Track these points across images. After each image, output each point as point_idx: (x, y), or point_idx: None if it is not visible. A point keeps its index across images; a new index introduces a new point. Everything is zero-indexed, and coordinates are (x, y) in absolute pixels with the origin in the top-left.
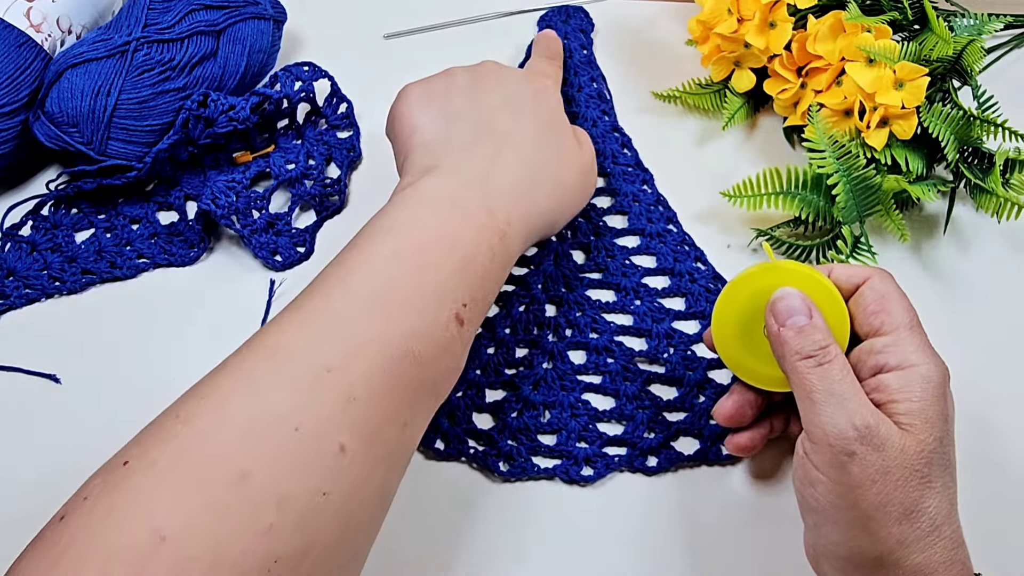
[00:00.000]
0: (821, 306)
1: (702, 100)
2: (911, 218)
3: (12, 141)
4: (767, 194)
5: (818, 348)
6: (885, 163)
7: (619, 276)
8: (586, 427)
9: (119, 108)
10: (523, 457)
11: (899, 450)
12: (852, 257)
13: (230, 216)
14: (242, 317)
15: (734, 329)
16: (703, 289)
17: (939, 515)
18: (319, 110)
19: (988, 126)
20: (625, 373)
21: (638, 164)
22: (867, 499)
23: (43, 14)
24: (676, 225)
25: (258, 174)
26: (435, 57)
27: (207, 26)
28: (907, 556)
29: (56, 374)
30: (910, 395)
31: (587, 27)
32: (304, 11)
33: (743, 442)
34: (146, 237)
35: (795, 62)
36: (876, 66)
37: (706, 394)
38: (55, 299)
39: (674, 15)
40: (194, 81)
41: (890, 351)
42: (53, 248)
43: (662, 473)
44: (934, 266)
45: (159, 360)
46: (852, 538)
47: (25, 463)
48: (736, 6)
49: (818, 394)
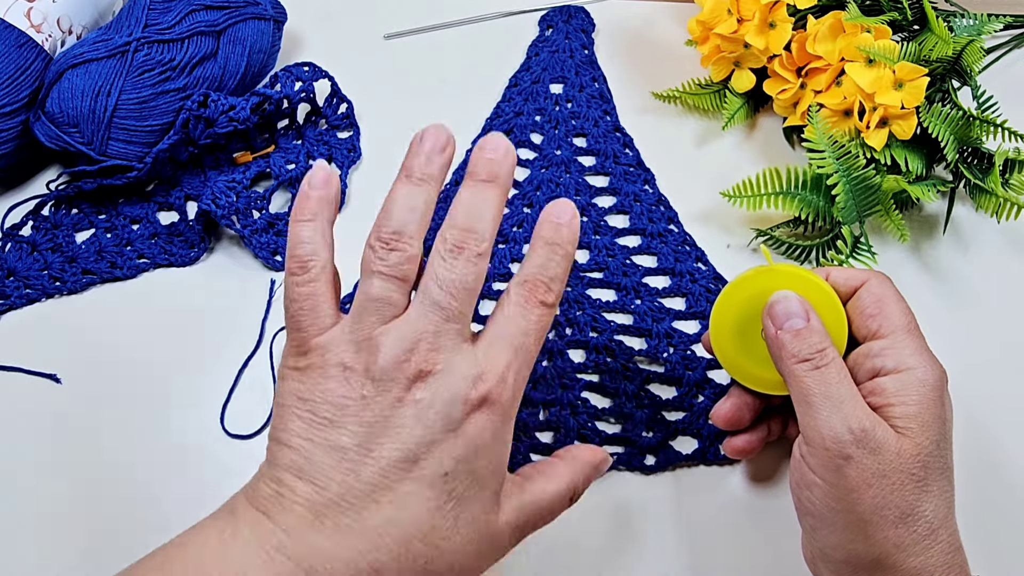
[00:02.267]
0: (818, 309)
1: (702, 100)
2: (911, 218)
3: (12, 141)
4: (767, 194)
5: (815, 351)
6: (885, 163)
7: (620, 275)
8: (584, 425)
9: (119, 108)
10: (521, 455)
11: (895, 454)
12: (852, 257)
13: (230, 216)
14: (242, 317)
15: (731, 332)
16: (703, 289)
17: (936, 518)
18: (319, 110)
19: (987, 126)
20: (624, 372)
21: (639, 164)
22: (863, 503)
23: (43, 14)
24: (677, 225)
25: (258, 174)
26: (435, 57)
27: (207, 26)
28: (904, 560)
29: (56, 374)
30: (907, 398)
31: (588, 27)
32: (304, 11)
33: (741, 445)
34: (146, 237)
35: (795, 62)
36: (876, 66)
37: (705, 394)
38: (55, 299)
39: (674, 15)
40: (194, 81)
41: (887, 354)
42: (53, 248)
43: (660, 472)
44: (934, 266)
45: (159, 360)
46: (849, 541)
47: (25, 463)
48: (736, 6)
49: (815, 397)
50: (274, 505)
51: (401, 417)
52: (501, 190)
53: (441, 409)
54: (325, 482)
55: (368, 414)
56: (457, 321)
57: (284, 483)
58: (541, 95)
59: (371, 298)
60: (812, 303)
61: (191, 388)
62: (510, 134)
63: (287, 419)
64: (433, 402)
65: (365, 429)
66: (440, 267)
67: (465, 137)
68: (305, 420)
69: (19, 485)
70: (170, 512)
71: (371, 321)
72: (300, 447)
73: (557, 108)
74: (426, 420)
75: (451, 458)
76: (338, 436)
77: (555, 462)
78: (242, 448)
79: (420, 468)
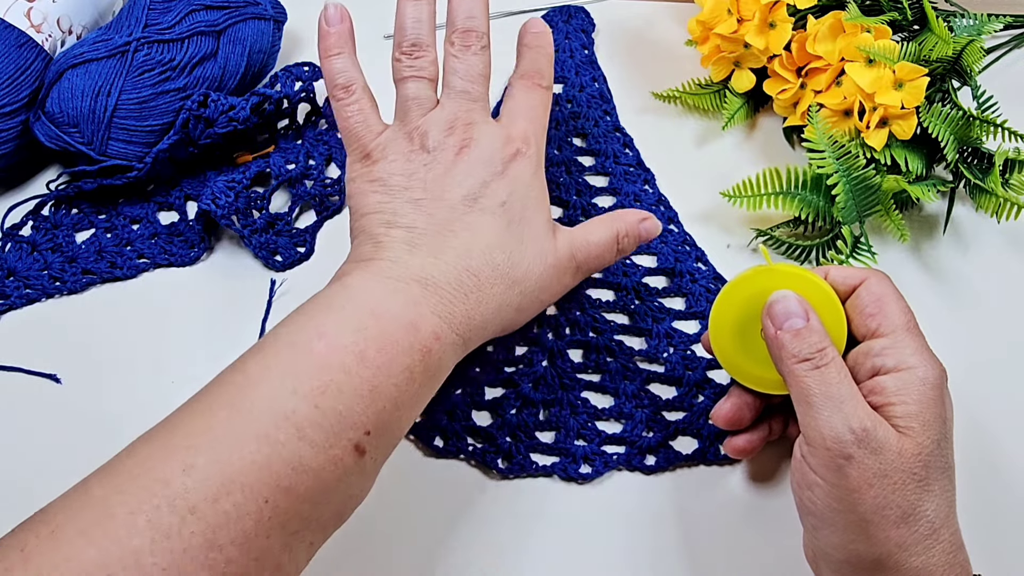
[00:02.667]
0: (818, 308)
1: (702, 100)
2: (911, 218)
3: (12, 141)
4: (767, 194)
5: (815, 351)
6: (885, 163)
7: (619, 275)
8: (585, 425)
9: (119, 108)
10: (521, 455)
11: (896, 453)
12: (852, 257)
13: (230, 216)
14: (242, 317)
15: (731, 332)
16: (703, 289)
17: (938, 518)
18: (319, 110)
19: (987, 126)
20: (624, 372)
21: (639, 164)
22: (865, 502)
23: (44, 14)
24: (677, 225)
25: (258, 174)
26: None
27: (207, 26)
28: (906, 559)
29: (56, 374)
30: (907, 397)
31: (588, 27)
32: (304, 11)
33: (741, 444)
34: (146, 237)
35: (795, 62)
36: (876, 66)
37: (705, 394)
38: (55, 299)
39: (674, 15)
40: (194, 81)
41: (887, 353)
42: (53, 248)
43: (660, 472)
44: (934, 266)
45: (159, 360)
46: (850, 541)
47: (25, 463)
48: (736, 6)
49: (815, 397)
50: (377, 250)
51: (457, 172)
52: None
53: (486, 161)
54: (411, 223)
55: (432, 174)
56: (479, 100)
57: (379, 235)
58: None
59: (409, 98)
60: (811, 302)
61: (191, 388)
62: None
63: (367, 199)
64: (479, 158)
65: (432, 184)
66: (455, 63)
67: None
68: (382, 192)
69: (19, 485)
70: None
71: (415, 115)
72: (384, 208)
73: (557, 108)
74: (476, 170)
75: (504, 191)
76: (412, 193)
77: (601, 217)
78: None
79: (480, 202)
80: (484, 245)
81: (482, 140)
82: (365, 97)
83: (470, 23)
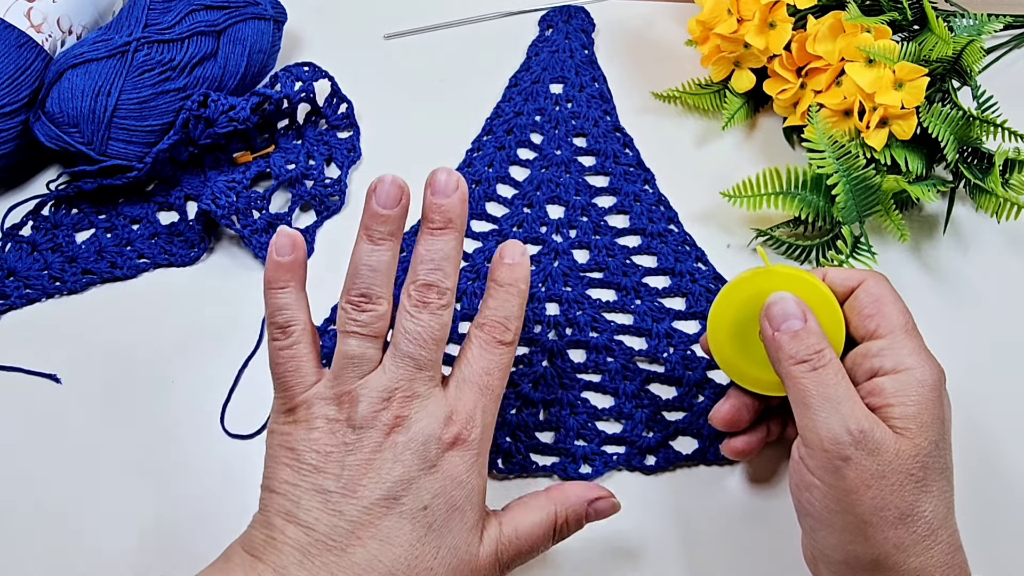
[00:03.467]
0: (816, 310)
1: (702, 100)
2: (911, 218)
3: (12, 141)
4: (767, 194)
5: (813, 352)
6: (885, 163)
7: (620, 275)
8: (585, 425)
9: (119, 108)
10: (521, 454)
11: (894, 454)
12: (852, 257)
13: (230, 216)
14: (242, 317)
15: (729, 334)
16: (703, 289)
17: (936, 519)
18: (319, 110)
19: (987, 126)
20: (625, 372)
21: (639, 164)
22: (863, 503)
23: (44, 14)
24: (677, 225)
25: (258, 174)
26: (435, 57)
27: (207, 26)
28: (904, 560)
29: (56, 374)
30: (905, 399)
31: (588, 27)
32: (304, 11)
33: (740, 446)
34: (146, 237)
35: (795, 62)
36: (876, 66)
37: (705, 394)
38: (55, 299)
39: (674, 15)
40: (194, 81)
41: (885, 354)
42: (53, 248)
43: (660, 472)
44: (934, 266)
45: (159, 360)
46: (848, 542)
47: (25, 463)
48: (736, 6)
49: (813, 398)
50: (266, 548)
51: (381, 460)
52: (457, 233)
53: (417, 450)
54: (312, 523)
55: (351, 459)
56: (428, 369)
57: (275, 527)
58: (541, 95)
59: (348, 356)
60: (809, 304)
61: (191, 388)
62: (510, 134)
63: (276, 469)
64: (410, 444)
65: (348, 472)
66: (408, 322)
67: (464, 137)
68: (292, 468)
69: (19, 485)
70: (170, 512)
71: (350, 376)
72: (288, 492)
73: (557, 108)
74: (404, 460)
75: (429, 493)
76: (323, 480)
77: (538, 494)
78: (242, 448)
79: (400, 504)
80: (391, 560)
81: (420, 419)
82: (303, 340)
83: (433, 276)
